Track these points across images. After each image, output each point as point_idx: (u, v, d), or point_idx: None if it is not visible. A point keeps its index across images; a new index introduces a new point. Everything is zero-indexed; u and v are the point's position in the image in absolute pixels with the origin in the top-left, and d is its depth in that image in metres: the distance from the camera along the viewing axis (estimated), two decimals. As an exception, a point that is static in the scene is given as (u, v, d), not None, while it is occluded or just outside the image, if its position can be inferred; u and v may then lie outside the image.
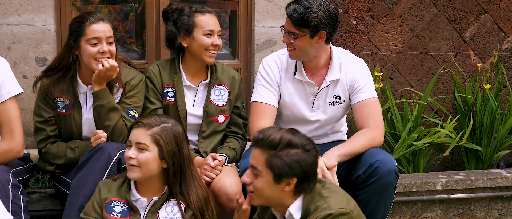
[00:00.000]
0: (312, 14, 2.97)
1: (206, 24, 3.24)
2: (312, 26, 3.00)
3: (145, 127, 2.63)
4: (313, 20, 2.98)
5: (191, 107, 3.33)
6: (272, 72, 3.23)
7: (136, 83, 3.23)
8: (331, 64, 3.20)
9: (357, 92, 3.17)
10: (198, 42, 3.23)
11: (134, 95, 3.20)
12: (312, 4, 2.99)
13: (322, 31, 3.03)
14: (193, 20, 3.24)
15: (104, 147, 2.91)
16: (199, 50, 3.24)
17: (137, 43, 4.24)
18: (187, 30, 3.24)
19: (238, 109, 3.45)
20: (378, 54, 4.66)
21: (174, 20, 3.28)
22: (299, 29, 3.02)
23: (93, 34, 3.05)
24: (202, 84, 3.35)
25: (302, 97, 3.24)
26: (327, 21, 3.01)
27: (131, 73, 3.25)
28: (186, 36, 3.25)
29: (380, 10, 4.64)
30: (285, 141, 2.39)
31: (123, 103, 3.18)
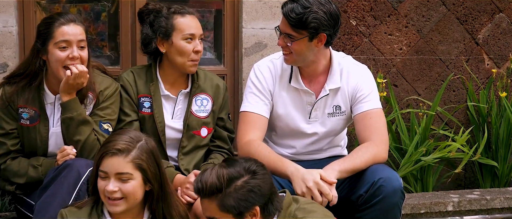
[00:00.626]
0: (311, 14, 2.98)
1: (186, 28, 3.23)
2: (312, 28, 3.00)
3: (122, 153, 2.58)
4: (313, 21, 2.99)
5: (169, 119, 3.32)
6: (264, 79, 3.23)
7: (111, 93, 3.22)
8: (331, 70, 3.19)
9: (359, 102, 3.18)
10: (177, 48, 3.23)
11: (108, 107, 3.19)
12: (311, 4, 2.99)
13: (322, 33, 3.03)
14: (171, 22, 3.23)
15: (72, 163, 2.88)
16: (179, 57, 3.24)
17: (110, 47, 4.21)
18: (165, 34, 3.23)
19: (223, 121, 3.44)
20: (381, 59, 4.65)
21: (151, 22, 3.27)
22: (296, 31, 3.02)
23: (62, 37, 3.04)
24: (182, 93, 3.34)
25: (298, 107, 3.23)
26: (328, 22, 3.01)
27: (105, 81, 3.23)
28: (164, 40, 3.25)
29: (383, 10, 4.62)
30: (225, 177, 2.42)
31: (96, 116, 3.16)
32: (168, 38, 3.22)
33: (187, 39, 3.22)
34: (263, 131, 3.19)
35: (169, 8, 3.26)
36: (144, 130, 3.25)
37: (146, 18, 3.30)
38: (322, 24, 3.00)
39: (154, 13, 3.27)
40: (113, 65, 4.16)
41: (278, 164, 2.96)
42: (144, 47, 3.32)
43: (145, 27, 3.29)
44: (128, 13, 4.10)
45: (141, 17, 3.35)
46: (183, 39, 3.22)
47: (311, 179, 2.82)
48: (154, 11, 3.28)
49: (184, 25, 3.22)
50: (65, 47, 3.04)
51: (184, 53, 3.22)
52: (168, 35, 3.22)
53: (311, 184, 2.80)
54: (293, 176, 2.88)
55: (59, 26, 3.04)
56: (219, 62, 4.35)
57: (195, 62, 3.27)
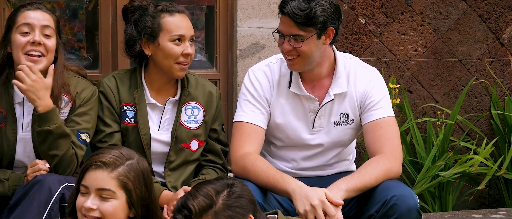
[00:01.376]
0: (318, 7, 3.00)
1: (174, 28, 3.22)
2: (321, 23, 3.02)
3: (107, 167, 2.56)
4: (321, 15, 3.01)
5: (156, 131, 3.31)
6: (260, 85, 3.23)
7: (89, 97, 3.19)
8: (336, 73, 3.20)
9: (369, 109, 3.18)
10: (165, 50, 3.22)
11: (86, 113, 3.17)
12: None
13: (330, 27, 3.06)
14: (158, 22, 3.22)
15: (43, 179, 2.86)
16: (166, 61, 3.23)
17: (88, 49, 4.20)
18: (151, 35, 3.22)
19: (216, 133, 3.43)
20: (394, 62, 4.64)
21: (135, 21, 3.26)
22: (304, 30, 3.03)
23: (24, 19, 3.05)
24: (170, 102, 3.33)
25: (300, 115, 3.22)
26: (334, 14, 3.05)
27: (81, 83, 3.21)
28: (150, 42, 3.24)
29: (396, 6, 4.60)
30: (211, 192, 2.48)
31: (73, 123, 3.13)
32: (154, 39, 3.22)
33: (175, 40, 3.22)
34: (260, 143, 3.18)
35: (156, 6, 3.26)
36: (127, 142, 3.24)
37: (130, 16, 3.29)
38: (330, 17, 3.03)
39: (139, 11, 3.26)
40: (91, 69, 4.15)
41: (278, 180, 2.94)
42: (128, 49, 3.30)
43: (129, 27, 3.28)
44: (108, 10, 4.09)
45: (126, 15, 3.34)
46: (171, 40, 3.22)
47: (317, 197, 2.81)
48: (139, 9, 3.26)
49: (172, 25, 3.22)
50: (27, 32, 3.04)
51: (172, 56, 3.22)
52: (154, 36, 3.22)
53: (316, 202, 2.79)
54: (295, 193, 2.86)
55: (23, 11, 3.07)
56: (211, 66, 4.33)
57: (184, 67, 3.26)
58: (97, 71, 4.12)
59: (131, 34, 3.25)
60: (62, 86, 3.09)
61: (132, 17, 3.28)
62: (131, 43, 3.27)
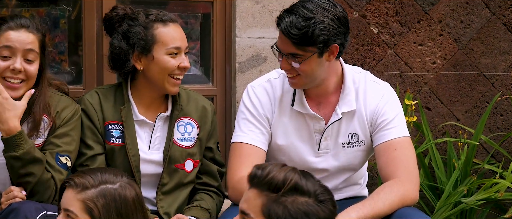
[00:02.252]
0: (317, 25, 3.00)
1: (170, 40, 3.23)
2: (321, 42, 3.02)
3: (76, 187, 2.54)
4: (321, 34, 3.01)
5: (146, 151, 3.31)
6: (260, 103, 3.24)
7: (70, 116, 3.19)
8: (344, 88, 3.20)
9: (381, 129, 3.17)
10: (160, 64, 3.23)
11: (66, 134, 3.17)
12: (314, 12, 3.01)
13: (333, 45, 3.05)
14: (152, 33, 3.23)
15: (19, 207, 2.87)
16: (161, 75, 3.24)
17: (70, 62, 4.19)
18: (144, 48, 3.23)
19: (211, 152, 3.44)
20: (410, 75, 4.63)
21: (124, 33, 3.26)
22: (302, 49, 3.03)
23: (6, 41, 3.05)
24: (161, 118, 3.33)
25: (304, 136, 3.23)
26: (338, 30, 3.04)
27: (62, 101, 3.22)
28: (142, 55, 3.24)
29: (412, 14, 4.61)
30: (292, 182, 2.39)
31: (51, 145, 3.14)
32: (148, 52, 3.22)
33: (172, 53, 3.24)
34: None
35: (147, 15, 3.26)
36: (113, 166, 3.25)
37: (117, 26, 3.29)
38: (332, 34, 3.02)
39: (127, 21, 3.26)
40: (74, 84, 4.12)
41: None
42: (114, 64, 3.30)
43: (116, 39, 3.27)
44: (93, 19, 4.09)
45: (110, 25, 3.33)
46: (167, 53, 3.23)
47: None
48: (128, 18, 3.27)
49: (167, 36, 3.24)
50: (7, 56, 3.05)
51: (167, 70, 3.23)
52: (148, 49, 3.22)
53: None
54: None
55: (5, 30, 3.06)
56: (207, 80, 4.33)
57: (178, 81, 3.28)
58: (81, 87, 4.10)
59: (120, 47, 3.24)
60: (43, 109, 3.10)
61: (119, 27, 3.27)
62: (120, 58, 3.26)
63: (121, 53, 3.25)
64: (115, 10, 3.32)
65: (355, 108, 3.19)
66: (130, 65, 3.24)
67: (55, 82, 3.28)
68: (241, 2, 4.23)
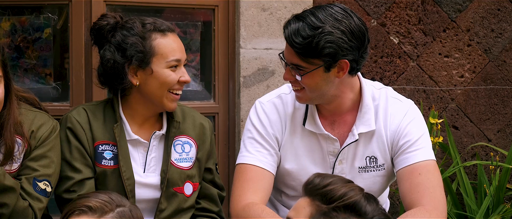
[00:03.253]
0: (324, 36, 2.99)
1: (170, 51, 3.25)
2: (327, 55, 3.01)
3: (94, 213, 2.57)
4: (328, 47, 3.00)
5: (141, 174, 3.32)
6: (269, 121, 3.25)
7: (47, 135, 3.18)
8: (362, 106, 3.21)
9: (404, 152, 3.18)
10: (160, 79, 3.25)
11: (44, 155, 3.15)
12: (323, 22, 3.01)
13: (342, 60, 3.04)
14: (150, 44, 3.24)
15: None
16: (159, 91, 3.26)
17: (56, 76, 4.18)
18: (142, 61, 3.24)
19: (211, 173, 3.47)
20: (435, 90, 4.63)
21: (118, 44, 3.26)
22: (306, 61, 3.04)
23: None
24: (156, 136, 3.35)
25: (316, 159, 3.24)
26: (349, 44, 3.03)
27: (38, 118, 3.20)
28: (139, 69, 3.25)
29: (436, 22, 4.61)
30: (350, 200, 2.46)
31: (28, 170, 3.12)
32: (146, 65, 3.23)
33: (171, 66, 3.25)
34: (268, 191, 3.20)
35: (143, 24, 3.27)
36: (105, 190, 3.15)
37: (109, 36, 3.28)
38: (341, 48, 3.01)
39: (122, 31, 3.26)
40: (60, 100, 4.13)
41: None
42: (107, 79, 3.30)
43: (108, 50, 3.27)
44: (81, 29, 4.09)
45: (100, 35, 3.32)
46: (167, 67, 3.25)
47: None
48: (121, 28, 3.27)
49: (167, 48, 3.25)
50: None
51: (167, 85, 3.25)
52: (146, 62, 3.23)
53: None
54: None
55: None
56: (208, 96, 4.33)
57: (177, 96, 3.30)
58: (67, 104, 4.10)
59: (115, 60, 3.24)
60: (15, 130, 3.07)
61: (112, 38, 3.26)
62: (115, 72, 3.25)
63: (116, 67, 3.25)
64: (105, 19, 3.31)
65: (374, 128, 3.20)
66: (127, 80, 3.24)
67: (23, 95, 3.24)
68: (246, 9, 4.24)
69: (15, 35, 4.15)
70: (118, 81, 3.26)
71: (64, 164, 3.23)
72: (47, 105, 3.91)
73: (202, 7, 4.30)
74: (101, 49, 3.31)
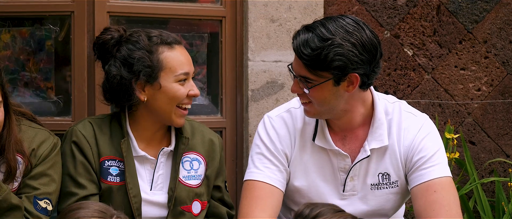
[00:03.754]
0: (334, 49, 3.00)
1: (178, 65, 3.27)
2: (336, 68, 3.03)
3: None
4: (337, 59, 3.01)
5: (147, 191, 3.33)
6: (278, 136, 3.26)
7: (47, 152, 3.19)
8: (374, 121, 3.21)
9: (418, 168, 3.17)
10: (169, 94, 3.26)
11: (44, 174, 3.17)
12: (333, 33, 3.02)
13: (352, 73, 3.05)
14: (157, 58, 3.25)
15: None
16: (168, 106, 3.28)
17: (57, 90, 4.19)
18: (150, 76, 3.25)
19: (220, 191, 3.49)
20: (451, 104, 4.63)
21: (125, 59, 3.27)
22: (314, 74, 3.05)
23: None
24: (164, 153, 3.36)
25: (327, 175, 3.26)
26: (360, 57, 3.04)
27: (39, 136, 3.22)
28: (147, 84, 3.27)
29: (452, 33, 4.61)
30: None
31: (28, 188, 3.14)
32: (154, 80, 3.25)
33: (180, 80, 3.26)
34: (276, 209, 3.20)
35: (149, 37, 3.29)
36: None
37: (114, 51, 3.30)
38: (351, 62, 3.01)
39: (127, 44, 3.27)
40: (61, 115, 4.13)
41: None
42: (114, 96, 3.30)
43: (114, 66, 3.28)
44: (83, 41, 4.09)
45: (104, 49, 3.33)
46: (176, 81, 3.26)
47: None
48: (126, 41, 3.28)
49: (175, 61, 3.27)
50: None
51: (176, 100, 3.27)
52: (154, 77, 3.25)
53: None
54: None
55: None
56: (215, 110, 4.34)
57: (186, 112, 3.32)
58: (69, 119, 4.10)
59: (121, 76, 3.25)
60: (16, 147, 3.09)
61: (117, 53, 3.27)
62: (123, 89, 3.26)
63: (123, 83, 3.26)
64: (109, 32, 3.33)
65: (387, 144, 3.21)
66: (135, 96, 3.25)
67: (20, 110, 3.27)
68: (255, 20, 4.24)
69: (15, 48, 4.16)
70: (126, 97, 3.28)
71: (68, 179, 3.25)
72: (48, 120, 3.96)
73: (209, 18, 4.31)
74: (105, 65, 3.34)
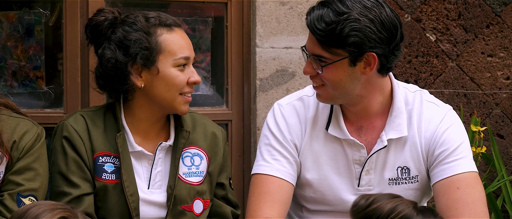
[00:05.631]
0: (349, 23, 3.01)
1: (178, 48, 3.28)
2: (352, 45, 3.03)
3: None
4: (353, 35, 3.02)
5: (145, 190, 3.33)
6: (287, 125, 3.28)
7: (30, 144, 3.18)
8: (393, 110, 3.22)
9: (441, 163, 3.17)
10: (167, 80, 3.27)
11: (29, 167, 3.16)
12: (350, 8, 3.03)
13: (370, 52, 3.05)
14: (155, 40, 3.26)
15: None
16: (168, 93, 3.28)
17: (48, 79, 4.19)
18: (148, 59, 3.25)
19: (224, 189, 3.48)
20: (477, 94, 4.63)
21: (120, 41, 3.27)
22: (328, 51, 3.06)
23: None
24: (162, 148, 3.36)
25: (340, 168, 3.27)
26: (378, 35, 3.04)
27: (21, 126, 3.20)
28: (144, 69, 3.27)
29: (479, 16, 4.61)
30: (399, 215, 2.53)
31: (10, 184, 3.14)
32: (151, 65, 3.25)
33: (179, 65, 3.27)
34: (286, 205, 3.21)
35: (147, 18, 3.29)
36: (105, 207, 3.26)
37: (108, 33, 3.30)
38: (369, 39, 3.02)
39: (123, 26, 3.28)
40: (52, 107, 4.15)
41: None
42: (108, 81, 3.30)
43: (108, 49, 3.28)
44: (76, 26, 4.10)
45: (97, 32, 3.33)
46: (175, 65, 3.27)
47: None
48: (122, 23, 3.29)
49: (174, 44, 3.27)
50: None
51: (175, 87, 3.27)
52: (152, 61, 3.25)
53: None
54: None
55: None
56: (221, 101, 4.34)
57: (189, 98, 3.31)
58: (61, 111, 4.10)
59: (116, 59, 3.24)
60: None
61: (112, 35, 3.27)
62: (117, 73, 3.25)
63: (118, 67, 3.25)
64: (103, 14, 3.32)
65: (406, 135, 3.21)
66: (130, 82, 3.26)
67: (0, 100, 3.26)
68: (263, 3, 4.24)
69: (2, 33, 4.16)
70: (120, 83, 3.27)
71: (59, 178, 3.24)
72: (38, 113, 3.96)
73: (213, 1, 4.31)
74: (98, 48, 3.31)
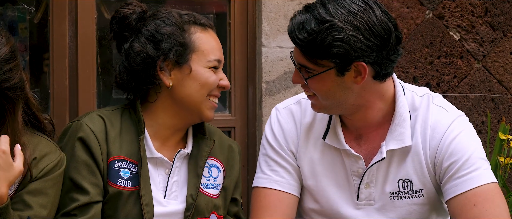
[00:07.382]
0: (331, 33, 3.00)
1: (212, 50, 3.36)
2: (336, 56, 3.03)
3: None
4: (336, 45, 3.02)
5: (160, 200, 3.37)
6: (283, 131, 3.34)
7: (50, 168, 3.21)
8: (395, 117, 3.23)
9: (451, 177, 3.16)
10: (199, 79, 3.33)
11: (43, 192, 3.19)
12: (333, 15, 3.02)
13: (358, 62, 3.04)
14: (189, 38, 3.33)
15: None
16: (199, 95, 3.34)
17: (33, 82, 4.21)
18: (181, 56, 3.31)
19: (236, 205, 3.56)
20: (506, 98, 4.60)
21: (152, 34, 3.33)
22: (313, 62, 3.08)
23: None
24: (181, 156, 3.40)
25: (339, 180, 3.30)
26: (366, 43, 3.04)
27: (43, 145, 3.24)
28: (175, 67, 3.32)
29: (508, 12, 4.61)
30: None
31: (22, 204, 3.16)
32: (184, 63, 3.31)
33: (212, 67, 3.34)
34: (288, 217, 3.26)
35: (180, 14, 3.37)
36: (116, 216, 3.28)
37: (138, 26, 3.35)
38: (354, 48, 3.01)
39: (155, 20, 3.34)
40: (39, 112, 4.16)
41: None
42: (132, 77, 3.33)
43: (138, 41, 3.33)
44: (64, 23, 4.12)
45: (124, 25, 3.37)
46: (208, 67, 3.33)
47: None
48: (152, 17, 3.35)
49: (208, 45, 3.36)
50: None
51: (207, 87, 3.33)
52: (185, 59, 3.30)
53: None
54: None
55: None
56: (223, 107, 4.37)
57: (215, 105, 3.38)
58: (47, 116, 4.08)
59: (147, 53, 3.29)
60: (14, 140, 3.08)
61: (143, 27, 3.32)
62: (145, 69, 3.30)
63: (147, 62, 3.30)
64: (131, 6, 3.37)
65: (409, 144, 3.20)
66: (157, 80, 3.30)
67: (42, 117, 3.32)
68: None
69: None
70: (147, 80, 3.32)
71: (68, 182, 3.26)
72: (22, 118, 3.94)
73: (217, -2, 4.33)
74: (123, 43, 3.35)
